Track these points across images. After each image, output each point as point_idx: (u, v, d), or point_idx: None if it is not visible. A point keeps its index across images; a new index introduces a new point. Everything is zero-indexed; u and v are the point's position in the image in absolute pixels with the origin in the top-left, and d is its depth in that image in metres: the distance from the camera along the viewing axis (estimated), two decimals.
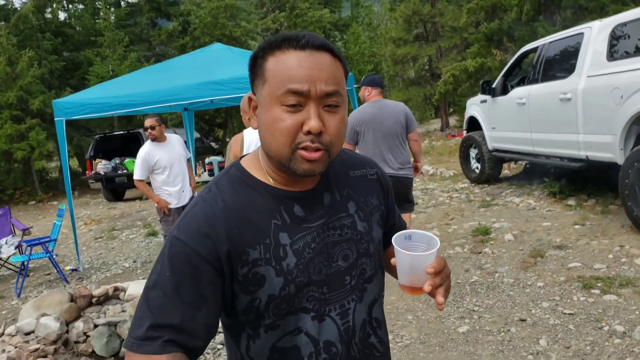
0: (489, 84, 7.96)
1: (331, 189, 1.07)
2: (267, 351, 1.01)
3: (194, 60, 7.04)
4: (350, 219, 1.07)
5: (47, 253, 5.94)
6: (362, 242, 1.07)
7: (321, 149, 0.93)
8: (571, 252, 4.69)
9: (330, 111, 0.94)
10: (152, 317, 0.91)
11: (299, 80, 0.91)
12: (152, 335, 0.90)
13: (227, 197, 0.99)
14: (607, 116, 5.07)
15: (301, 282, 0.98)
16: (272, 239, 0.98)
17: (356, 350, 1.06)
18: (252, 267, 0.96)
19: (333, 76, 0.94)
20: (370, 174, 1.17)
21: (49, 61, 17.38)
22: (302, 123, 0.92)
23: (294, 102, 0.92)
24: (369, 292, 1.08)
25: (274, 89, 0.93)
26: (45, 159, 16.17)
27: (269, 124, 0.95)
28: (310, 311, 1.00)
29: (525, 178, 8.32)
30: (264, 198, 1.01)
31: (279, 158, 0.96)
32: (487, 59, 16.11)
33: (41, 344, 3.42)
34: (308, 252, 1.00)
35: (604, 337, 3.19)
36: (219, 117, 26.13)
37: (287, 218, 1.00)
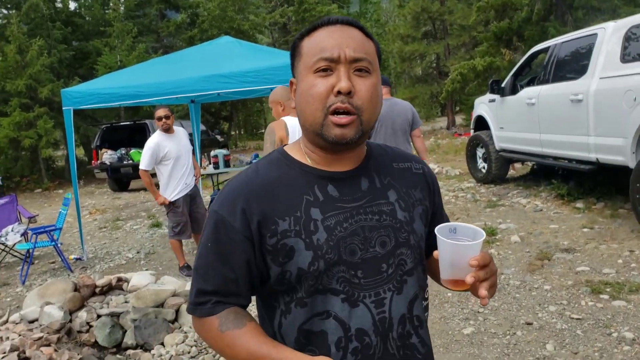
0: (498, 84, 7.89)
1: (371, 175, 1.08)
2: (295, 331, 1.02)
3: (202, 53, 7.00)
4: (390, 206, 1.06)
5: (52, 241, 5.95)
6: (402, 232, 1.05)
7: (352, 113, 0.96)
8: (579, 256, 4.64)
9: (361, 76, 0.98)
10: (198, 283, 1.04)
11: (329, 48, 0.96)
12: (201, 300, 1.03)
13: (262, 172, 1.06)
14: (619, 119, 5.00)
15: (331, 260, 0.98)
16: (302, 213, 1.00)
17: (394, 348, 1.02)
18: (281, 238, 0.99)
19: (362, 46, 0.99)
20: (415, 168, 1.16)
21: (59, 50, 17.41)
22: (334, 87, 0.96)
23: (324, 66, 0.96)
24: (409, 285, 1.05)
25: (307, 60, 0.99)
26: (52, 148, 16.22)
27: (303, 93, 1.00)
28: (340, 293, 0.99)
29: (532, 179, 8.26)
30: (299, 175, 1.05)
31: (312, 126, 0.99)
32: (496, 58, 16.00)
33: (45, 333, 3.42)
34: (340, 231, 1.00)
35: (612, 343, 3.15)
36: (224, 110, 26.16)
37: (320, 196, 1.02)
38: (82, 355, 3.31)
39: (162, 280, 4.37)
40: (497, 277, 1.01)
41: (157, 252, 6.51)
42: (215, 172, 8.76)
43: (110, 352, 3.54)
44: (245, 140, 29.29)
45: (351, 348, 0.99)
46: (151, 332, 3.60)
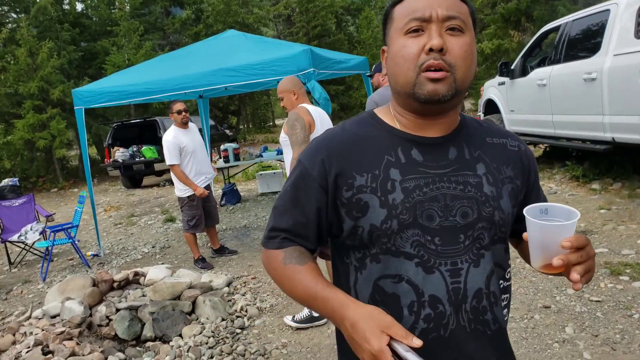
0: (508, 66, 7.78)
1: (460, 145, 1.05)
2: (370, 286, 1.02)
3: (208, 48, 7.00)
4: (476, 178, 1.02)
5: (69, 239, 6.02)
6: (487, 206, 1.01)
7: (445, 68, 0.94)
8: (597, 238, 4.58)
9: (454, 34, 0.96)
10: (273, 221, 1.11)
11: (420, 8, 0.95)
12: (272, 235, 1.10)
13: (348, 128, 1.09)
14: (635, 96, 4.91)
15: (404, 220, 0.97)
16: (381, 172, 1.00)
17: (466, 320, 0.99)
18: (356, 192, 1.00)
19: (454, 4, 0.96)
20: (510, 145, 1.12)
21: (68, 51, 17.52)
22: (425, 45, 0.94)
23: (415, 26, 0.95)
24: (486, 260, 1.01)
25: (398, 23, 0.98)
26: (66, 148, 16.37)
27: (394, 55, 0.99)
28: (415, 257, 0.98)
29: (545, 162, 8.17)
30: (384, 136, 1.05)
31: (405, 87, 0.98)
32: (505, 41, 15.78)
33: (67, 327, 3.47)
34: (418, 194, 0.99)
35: (634, 325, 3.11)
36: (232, 105, 26.18)
37: (402, 158, 1.02)
38: (103, 347, 3.35)
39: (178, 273, 4.41)
40: (594, 261, 0.95)
41: (172, 246, 6.56)
42: (225, 165, 8.80)
43: (130, 345, 3.58)
44: (254, 133, 29.31)
45: (424, 314, 0.98)
46: (169, 324, 3.64)
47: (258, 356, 3.32)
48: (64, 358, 3.06)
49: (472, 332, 1.00)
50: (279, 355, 3.33)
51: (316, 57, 5.56)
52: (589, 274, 0.92)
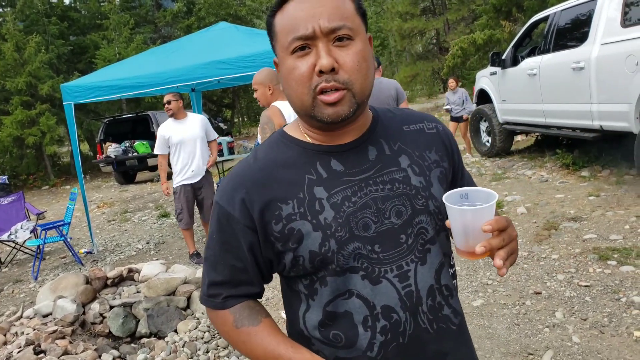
0: (499, 56, 7.81)
1: (379, 143, 1.00)
2: (320, 313, 0.97)
3: (200, 40, 6.97)
4: (402, 172, 0.98)
5: (61, 236, 6.01)
6: (419, 198, 0.97)
7: (340, 88, 0.88)
8: (586, 224, 4.64)
9: (342, 45, 0.89)
10: (209, 275, 1.03)
11: (301, 24, 0.88)
12: (213, 293, 1.03)
13: (260, 156, 1.01)
14: (621, 84, 4.95)
15: (342, 237, 0.92)
16: (305, 194, 0.95)
17: (427, 322, 0.97)
18: (286, 222, 0.94)
19: (337, 10, 0.89)
20: (428, 128, 1.07)
21: (56, 46, 17.38)
22: (315, 66, 0.88)
23: (300, 45, 0.88)
24: (433, 254, 0.98)
25: (282, 41, 0.92)
26: (57, 144, 16.28)
27: (285, 77, 0.93)
28: (359, 270, 0.93)
29: (536, 150, 8.22)
30: (298, 154, 0.99)
31: (303, 110, 0.93)
32: (496, 31, 15.78)
33: (59, 326, 3.47)
34: (348, 206, 0.94)
35: (621, 308, 3.16)
36: (226, 98, 26.08)
37: (323, 172, 0.96)
38: (97, 345, 3.36)
39: (173, 269, 4.42)
40: (516, 243, 0.92)
41: (167, 242, 6.57)
42: (220, 159, 8.79)
43: (124, 342, 3.59)
44: (249, 127, 29.23)
45: (379, 327, 0.94)
46: (164, 320, 3.65)
47: None
48: (57, 357, 3.07)
49: (435, 332, 0.98)
50: None
51: None
52: (513, 255, 0.90)
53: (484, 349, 2.96)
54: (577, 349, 2.82)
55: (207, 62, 5.81)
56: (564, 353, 2.80)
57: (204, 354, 3.30)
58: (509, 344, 2.97)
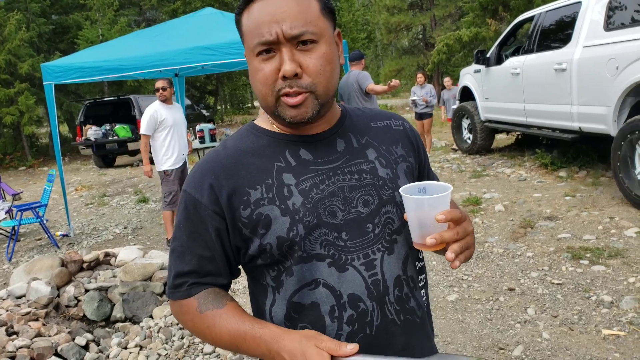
0: (484, 54, 7.88)
1: (347, 136, 1.03)
2: (285, 306, 0.97)
3: (185, 25, 6.87)
4: (369, 164, 1.01)
5: (37, 218, 5.91)
6: (385, 189, 0.99)
7: (302, 92, 0.90)
8: (561, 223, 4.73)
9: (306, 49, 0.90)
10: (175, 266, 1.00)
11: (265, 30, 0.89)
12: (178, 283, 1.00)
13: (229, 145, 1.02)
14: (601, 87, 5.04)
15: (310, 222, 0.93)
16: (274, 179, 0.96)
17: (394, 313, 0.97)
18: (255, 207, 0.94)
19: (299, 16, 0.89)
20: (395, 125, 1.11)
21: (38, 24, 16.97)
22: (279, 69, 0.90)
23: (265, 49, 0.90)
24: (399, 245, 0.99)
25: (249, 43, 0.93)
26: (35, 125, 15.96)
27: (252, 77, 0.95)
28: (326, 257, 0.94)
29: (516, 149, 8.33)
30: (267, 143, 1.00)
31: (267, 109, 0.95)
32: (482, 29, 15.92)
33: (32, 308, 3.43)
34: (316, 193, 0.95)
35: (591, 306, 3.24)
36: (210, 85, 25.85)
37: (292, 160, 0.98)
38: (71, 328, 3.33)
39: (150, 255, 4.39)
40: (474, 238, 0.94)
41: (145, 227, 6.51)
42: (201, 146, 8.73)
43: (99, 326, 3.57)
44: (232, 114, 29.06)
45: (346, 317, 0.93)
46: (140, 305, 3.63)
47: None
48: (29, 339, 3.04)
49: (403, 323, 0.98)
50: None
51: None
52: (468, 250, 0.90)
53: (456, 343, 3.01)
54: (546, 344, 2.89)
55: (192, 47, 5.75)
56: (533, 348, 2.86)
57: (179, 339, 3.29)
58: (481, 339, 3.03)
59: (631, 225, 4.38)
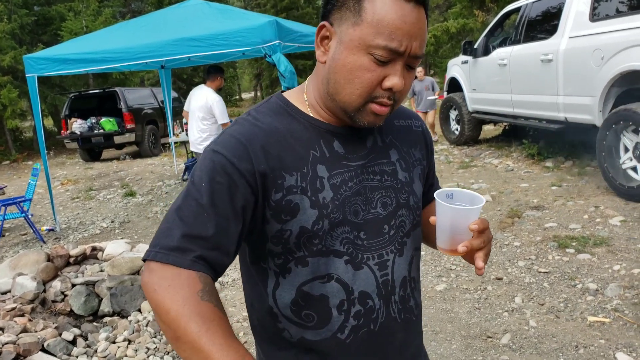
0: (471, 45, 7.89)
1: (373, 133, 1.02)
2: (294, 292, 0.95)
3: (171, 16, 6.78)
4: (391, 166, 1.01)
5: (22, 213, 5.84)
6: (403, 192, 1.01)
7: (391, 105, 0.92)
8: (548, 213, 4.77)
9: (410, 70, 0.91)
10: (184, 226, 0.85)
11: (399, 39, 0.85)
12: (184, 247, 0.84)
13: (267, 121, 0.96)
14: (587, 78, 5.07)
15: (335, 219, 0.93)
16: (309, 169, 0.93)
17: (396, 311, 1.00)
18: (286, 193, 0.91)
19: (424, 37, 0.90)
20: (415, 126, 1.12)
21: (20, 15, 16.64)
22: (385, 77, 0.88)
23: (385, 59, 0.87)
24: (408, 247, 1.02)
25: (369, 36, 0.86)
26: (19, 118, 15.71)
27: (349, 70, 0.88)
28: (344, 255, 0.94)
29: (504, 140, 8.38)
30: (304, 128, 0.97)
31: (346, 105, 0.91)
32: (469, 20, 15.92)
33: (18, 303, 3.39)
34: (345, 190, 0.95)
35: (577, 294, 3.28)
36: (197, 77, 25.62)
37: (327, 152, 0.96)
38: (58, 323, 3.30)
39: (138, 248, 4.36)
40: (491, 244, 0.98)
41: (132, 221, 6.46)
42: (188, 139, 8.64)
43: (86, 320, 3.54)
44: None
45: (354, 312, 0.95)
46: (127, 299, 3.61)
47: None
48: (15, 334, 3.01)
49: (402, 321, 1.01)
50: (239, 328, 3.36)
51: (282, 29, 5.49)
52: (487, 256, 0.96)
53: (445, 332, 3.03)
54: (533, 332, 2.92)
55: (178, 38, 5.68)
56: (521, 336, 2.89)
57: None
58: (470, 327, 3.05)
59: (616, 214, 4.43)
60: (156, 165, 10.94)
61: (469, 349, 2.84)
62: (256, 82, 32.11)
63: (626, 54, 4.54)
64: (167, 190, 7.99)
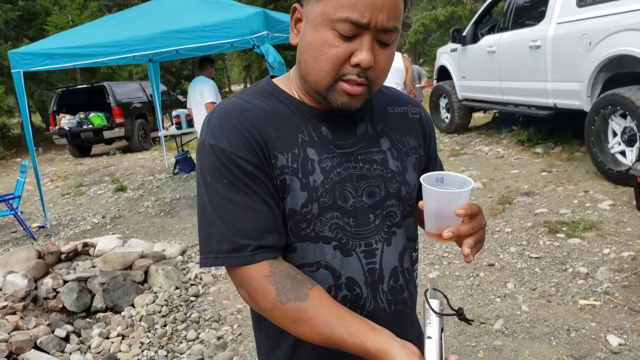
0: (460, 32, 7.88)
1: (365, 119, 0.99)
2: None
3: (158, 8, 6.70)
4: (381, 155, 0.98)
5: (11, 210, 5.79)
6: (394, 182, 0.98)
7: (364, 84, 0.88)
8: (538, 199, 4.80)
9: (383, 46, 0.87)
10: (223, 227, 0.87)
11: (361, 10, 0.82)
12: (237, 246, 0.86)
13: (253, 102, 0.94)
14: (575, 63, 5.09)
15: (324, 203, 0.91)
16: (300, 150, 0.92)
17: (385, 302, 0.97)
18: (279, 173, 0.90)
19: (397, 9, 0.85)
20: (412, 113, 1.08)
21: (4, 10, 16.37)
22: (352, 53, 0.85)
23: (349, 33, 0.84)
24: (398, 237, 0.99)
25: (330, 10, 0.83)
26: (6, 115, 15.52)
27: (315, 47, 0.87)
28: (332, 240, 0.93)
29: (494, 127, 8.41)
30: (291, 111, 0.95)
31: (316, 85, 0.90)
32: (458, 8, 15.96)
33: (9, 301, 3.37)
34: (335, 175, 0.93)
35: (568, 278, 3.31)
36: (185, 70, 25.44)
37: (315, 136, 0.94)
38: (50, 321, 3.29)
39: (130, 243, 4.34)
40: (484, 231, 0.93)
41: (123, 216, 6.43)
42: (178, 132, 8.61)
43: (79, 317, 3.53)
44: None
45: (340, 296, 0.93)
46: (120, 295, 3.60)
47: (212, 322, 3.35)
48: (7, 333, 2.99)
49: (393, 313, 0.98)
50: (233, 320, 3.36)
51: (270, 19, 5.45)
52: (479, 243, 0.91)
53: None
54: (525, 317, 2.95)
55: (166, 31, 5.62)
56: (513, 321, 2.92)
57: (162, 327, 3.28)
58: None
59: (605, 198, 4.47)
60: (146, 160, 10.88)
61: (462, 335, 2.87)
62: (245, 74, 31.95)
63: (613, 39, 4.56)
64: (158, 185, 7.95)
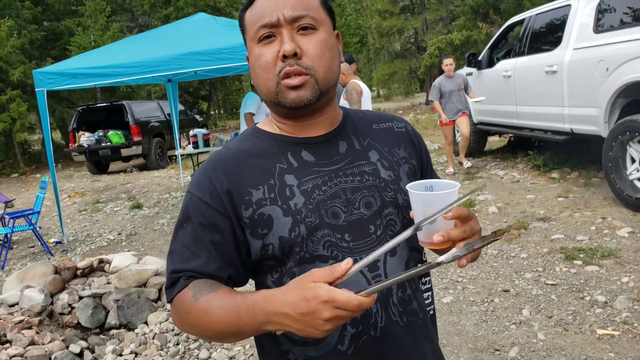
0: (475, 57, 7.93)
1: (349, 138, 1.03)
2: None
3: (177, 31, 6.89)
4: (371, 166, 1.01)
5: (30, 225, 5.88)
6: (388, 191, 0.99)
7: (303, 73, 0.92)
8: (554, 224, 4.75)
9: (306, 34, 0.93)
10: (172, 264, 0.97)
11: (267, 13, 0.93)
12: (175, 278, 0.96)
13: (232, 146, 1.03)
14: (592, 89, 5.08)
15: (311, 223, 0.93)
16: (276, 180, 0.96)
17: (397, 315, 0.96)
18: (256, 207, 0.94)
19: (300, 2, 0.94)
20: (397, 127, 1.11)
21: (29, 31, 16.86)
22: (279, 52, 0.93)
23: (266, 33, 0.93)
24: (401, 247, 0.99)
25: (250, 31, 0.96)
26: (27, 132, 15.87)
27: (253, 66, 0.97)
28: (329, 259, 0.93)
29: (509, 151, 8.37)
30: (270, 145, 1.01)
31: (269, 96, 0.96)
32: (473, 32, 16.04)
33: (25, 316, 3.41)
34: (318, 194, 0.95)
35: (585, 306, 3.26)
36: (203, 90, 25.84)
37: (294, 162, 0.98)
38: (65, 336, 3.31)
39: (144, 261, 4.37)
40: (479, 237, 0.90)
41: (139, 233, 6.48)
42: (194, 151, 8.70)
43: (93, 333, 3.55)
44: (225, 119, 29.04)
45: (350, 319, 0.85)
46: (134, 312, 3.62)
47: None
48: (23, 347, 3.02)
49: (406, 325, 0.97)
50: (246, 340, 3.35)
51: None
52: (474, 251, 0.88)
53: (452, 345, 3.01)
54: (542, 345, 2.90)
55: (185, 52, 5.75)
56: (529, 349, 2.87)
57: (174, 345, 3.28)
58: (477, 340, 3.03)
59: (623, 225, 4.41)
60: (163, 178, 10.99)
61: None
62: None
63: (631, 65, 4.55)
64: (173, 203, 8.02)
